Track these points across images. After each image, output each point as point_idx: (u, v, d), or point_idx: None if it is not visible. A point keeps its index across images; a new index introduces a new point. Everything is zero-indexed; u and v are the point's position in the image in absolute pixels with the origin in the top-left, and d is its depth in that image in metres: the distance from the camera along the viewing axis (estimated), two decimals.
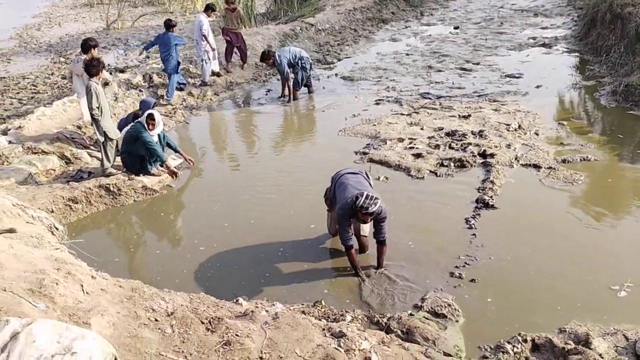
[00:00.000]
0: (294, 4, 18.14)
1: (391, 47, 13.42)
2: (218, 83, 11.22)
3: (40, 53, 15.91)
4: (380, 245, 5.00)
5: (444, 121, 8.35)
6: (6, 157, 6.92)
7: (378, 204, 4.59)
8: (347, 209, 4.71)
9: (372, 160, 7.21)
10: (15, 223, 3.95)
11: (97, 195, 6.51)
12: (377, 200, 4.59)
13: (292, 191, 6.63)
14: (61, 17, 22.69)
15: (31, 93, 11.72)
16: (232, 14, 11.18)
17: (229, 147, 8.50)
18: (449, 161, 7.02)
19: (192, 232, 5.95)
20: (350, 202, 4.67)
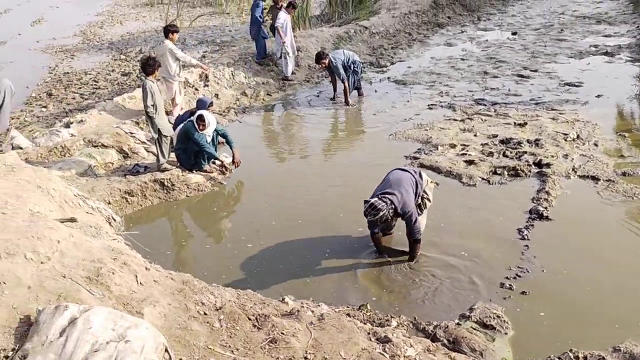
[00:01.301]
0: (348, 7, 18.16)
1: (446, 51, 13.24)
2: (271, 84, 11.37)
3: (102, 50, 16.51)
4: (411, 243, 5.13)
5: (498, 128, 8.17)
6: (68, 149, 7.21)
7: (379, 215, 4.73)
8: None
9: (423, 165, 7.13)
10: (76, 213, 4.11)
11: (152, 189, 6.71)
12: (377, 211, 4.72)
13: (340, 193, 6.64)
14: (123, 15, 23.49)
15: (92, 88, 12.17)
16: (279, 12, 11.25)
17: (279, 147, 8.58)
18: (502, 169, 6.87)
19: (240, 229, 6.05)
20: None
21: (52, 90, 12.12)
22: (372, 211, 4.75)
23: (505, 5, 18.97)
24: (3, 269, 3.05)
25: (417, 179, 5.16)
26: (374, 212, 4.74)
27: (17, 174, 4.08)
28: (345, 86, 9.81)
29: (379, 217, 4.76)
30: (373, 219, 4.80)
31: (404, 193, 4.90)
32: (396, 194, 4.86)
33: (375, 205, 4.75)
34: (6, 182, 3.90)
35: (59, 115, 10.29)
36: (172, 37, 8.80)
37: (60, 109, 10.72)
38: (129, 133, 7.89)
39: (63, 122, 8.26)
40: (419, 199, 5.18)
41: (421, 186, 5.16)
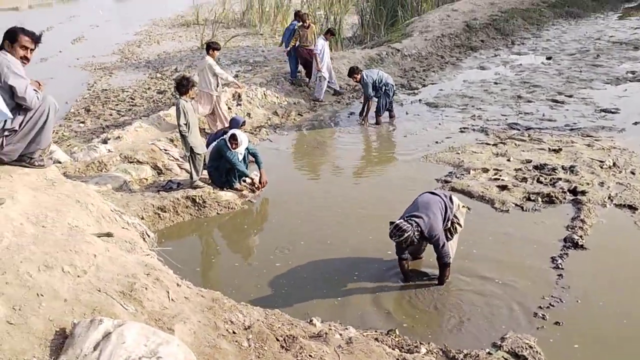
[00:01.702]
0: (380, 29, 18.32)
1: (479, 75, 13.19)
2: (302, 104, 11.48)
3: (139, 68, 16.93)
4: (441, 267, 5.08)
5: (532, 153, 8.06)
6: (105, 165, 7.38)
7: (404, 236, 4.69)
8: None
9: (454, 189, 7.07)
10: (112, 228, 4.19)
11: (184, 206, 6.80)
12: (402, 232, 4.69)
13: (370, 215, 6.61)
14: (160, 35, 24.09)
15: (129, 105, 12.46)
16: (307, 31, 11.50)
17: (309, 167, 8.62)
18: (536, 195, 6.76)
19: (269, 248, 6.06)
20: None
21: (90, 106, 12.45)
22: (397, 232, 4.72)
23: (540, 29, 18.83)
24: (41, 281, 3.12)
25: (447, 203, 5.11)
26: (398, 233, 4.72)
27: (57, 188, 4.19)
28: (368, 104, 9.98)
29: (403, 238, 4.72)
30: (398, 240, 4.77)
31: (431, 216, 4.86)
32: (423, 217, 4.83)
33: (400, 226, 4.73)
34: (47, 196, 4.01)
35: (96, 130, 10.56)
36: (212, 53, 9.25)
37: (98, 125, 11.00)
38: (163, 150, 8.05)
39: (101, 138, 8.48)
40: (449, 224, 5.13)
41: (451, 210, 5.11)
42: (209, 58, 9.21)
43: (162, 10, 33.76)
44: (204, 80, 9.18)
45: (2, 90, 3.97)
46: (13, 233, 3.41)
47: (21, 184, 4.00)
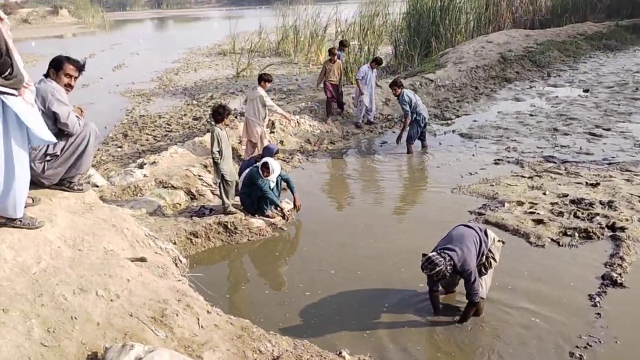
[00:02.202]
0: (414, 59, 18.40)
1: (514, 106, 13.07)
2: (335, 132, 11.55)
3: (176, 95, 17.36)
4: (468, 304, 4.94)
5: (569, 187, 7.89)
6: (140, 189, 7.52)
7: (435, 270, 4.60)
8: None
9: (488, 222, 6.95)
10: (146, 252, 4.25)
11: (216, 232, 6.85)
12: (434, 266, 4.60)
13: (401, 246, 6.54)
14: (197, 63, 24.70)
15: (165, 131, 12.74)
16: (333, 65, 11.50)
17: (341, 196, 8.61)
18: (573, 231, 6.59)
19: (298, 276, 6.04)
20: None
21: (128, 131, 12.78)
22: (429, 265, 4.64)
23: (577, 62, 18.64)
24: (75, 304, 3.17)
25: (482, 237, 5.00)
26: (430, 266, 4.63)
27: (94, 212, 4.28)
28: (406, 122, 9.92)
29: (435, 272, 4.63)
30: (429, 273, 4.68)
31: (465, 250, 4.76)
32: (457, 250, 4.74)
33: (432, 259, 4.65)
34: (84, 220, 4.10)
35: (133, 155, 10.81)
36: (264, 84, 9.39)
37: (134, 150, 11.26)
38: (197, 175, 8.16)
39: (137, 163, 8.66)
40: (483, 258, 5.02)
41: (486, 244, 5.00)
42: (261, 89, 9.33)
43: (200, 39, 34.73)
44: (252, 110, 9.29)
45: (46, 117, 4.10)
46: (50, 255, 3.49)
47: (60, 208, 4.10)
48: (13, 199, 3.48)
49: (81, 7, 73.83)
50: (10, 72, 3.28)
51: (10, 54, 3.31)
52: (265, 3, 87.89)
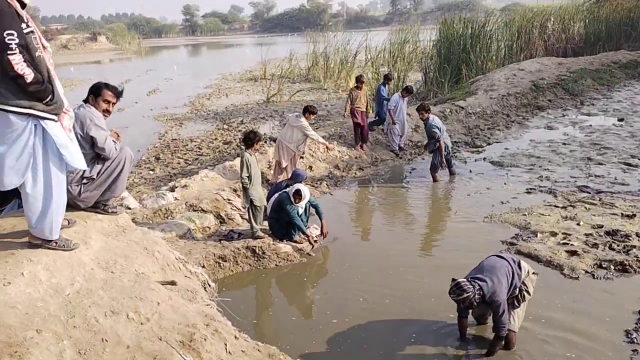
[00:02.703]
0: (444, 86, 18.40)
1: (546, 135, 12.89)
2: (363, 158, 11.56)
3: (207, 120, 17.66)
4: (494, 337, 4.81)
5: (604, 218, 7.70)
6: (171, 212, 7.63)
7: (463, 296, 4.50)
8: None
9: (521, 252, 6.81)
10: (176, 276, 4.28)
11: (244, 256, 6.87)
12: (462, 292, 4.51)
13: (432, 275, 6.45)
14: (228, 88, 25.15)
15: (196, 155, 12.95)
16: (360, 92, 11.56)
17: (369, 223, 8.57)
18: (608, 263, 6.40)
19: (326, 303, 5.99)
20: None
21: (160, 154, 13.03)
22: (457, 291, 4.56)
23: (611, 90, 18.35)
24: (106, 326, 3.20)
25: (515, 269, 4.88)
26: (458, 291, 4.55)
27: (127, 234, 4.35)
28: (441, 144, 9.77)
29: (462, 298, 4.54)
30: (456, 299, 4.59)
31: (495, 281, 4.64)
32: (487, 280, 4.63)
33: (461, 285, 4.56)
34: (117, 242, 4.16)
35: (165, 178, 10.99)
36: (308, 116, 9.47)
37: (166, 173, 11.45)
38: (226, 199, 8.24)
39: (169, 186, 8.80)
40: (516, 291, 4.89)
41: (519, 277, 4.87)
42: (304, 120, 9.44)
43: (232, 66, 35.44)
44: (289, 135, 9.44)
45: (84, 141, 4.22)
46: (84, 277, 3.54)
47: (94, 230, 4.18)
48: (50, 221, 3.56)
49: (119, 34, 76.44)
50: (51, 98, 3.40)
51: (52, 81, 3.43)
52: (296, 30, 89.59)
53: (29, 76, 3.24)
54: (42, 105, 3.35)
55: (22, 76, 3.22)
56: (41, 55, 3.38)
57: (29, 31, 3.31)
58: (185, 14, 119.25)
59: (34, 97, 3.31)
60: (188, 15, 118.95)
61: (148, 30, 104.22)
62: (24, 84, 3.25)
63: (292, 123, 9.55)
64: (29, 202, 3.49)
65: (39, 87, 3.30)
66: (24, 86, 3.26)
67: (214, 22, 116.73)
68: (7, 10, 3.19)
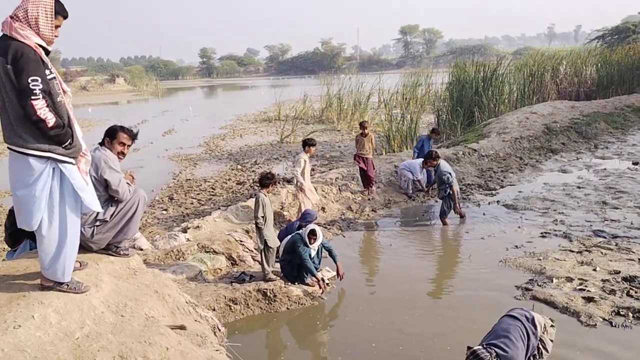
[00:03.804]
0: (457, 129, 18.48)
1: (560, 178, 12.81)
2: (376, 200, 11.54)
3: (221, 160, 17.84)
4: None
5: (620, 264, 7.55)
6: (183, 253, 7.62)
7: None
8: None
9: (536, 298, 6.67)
10: (185, 320, 4.25)
11: (255, 299, 6.81)
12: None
13: (447, 322, 6.32)
14: (243, 129, 25.47)
15: (209, 195, 13.03)
16: (364, 138, 11.37)
17: (383, 266, 8.47)
18: (626, 310, 6.25)
19: (337, 347, 5.89)
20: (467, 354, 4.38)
21: (174, 194, 13.12)
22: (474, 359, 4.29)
23: (625, 134, 18.30)
24: None
25: (529, 329, 4.62)
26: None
27: (138, 277, 4.35)
28: (453, 191, 9.79)
29: None
30: None
31: (511, 347, 4.40)
32: (503, 346, 4.37)
33: (477, 354, 4.28)
34: (128, 285, 4.16)
35: (177, 218, 11.03)
36: (308, 149, 9.80)
37: (179, 213, 11.50)
38: (239, 241, 8.23)
39: (181, 227, 8.82)
40: (535, 351, 4.71)
41: (535, 336, 4.68)
42: (303, 154, 9.77)
43: (247, 107, 35.97)
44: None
45: (98, 183, 4.28)
46: (94, 321, 3.53)
47: (106, 272, 4.18)
48: (62, 264, 3.58)
49: (136, 76, 78.30)
50: (71, 142, 3.48)
51: (71, 125, 3.51)
52: (310, 73, 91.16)
53: (50, 121, 3.33)
54: (61, 149, 3.43)
55: (44, 121, 3.31)
56: (62, 101, 3.48)
57: (51, 77, 3.41)
58: (202, 56, 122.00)
59: (54, 141, 3.39)
60: (205, 58, 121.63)
61: (165, 73, 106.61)
62: (45, 128, 3.33)
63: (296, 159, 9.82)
64: (44, 243, 3.52)
65: (59, 132, 3.39)
66: (45, 130, 3.34)
67: (230, 65, 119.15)
68: (33, 57, 3.30)
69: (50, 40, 3.42)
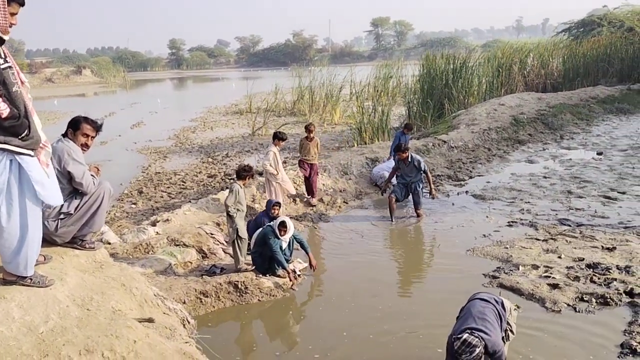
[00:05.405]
0: (427, 121, 18.65)
1: (527, 168, 13.07)
2: (348, 192, 11.58)
3: (192, 153, 17.65)
4: None
5: (584, 251, 7.76)
6: (152, 247, 7.53)
7: (476, 352, 4.14)
8: (449, 343, 4.40)
9: (503, 285, 6.81)
10: (154, 313, 4.21)
11: (226, 291, 6.78)
12: (474, 348, 4.14)
13: (417, 311, 6.40)
14: (214, 122, 25.23)
15: (180, 188, 12.88)
16: (310, 143, 10.73)
17: (354, 257, 8.51)
18: (589, 296, 6.42)
19: (309, 337, 5.93)
20: (451, 341, 4.35)
21: (143, 188, 12.94)
22: (468, 349, 4.17)
23: (590, 125, 18.74)
24: None
25: (500, 311, 4.69)
26: (469, 350, 4.16)
27: (104, 271, 4.28)
28: (429, 176, 10.00)
29: (475, 355, 4.16)
30: (469, 357, 4.17)
31: (491, 329, 4.40)
32: (486, 330, 4.35)
33: (469, 341, 4.18)
34: (94, 279, 4.09)
35: (147, 212, 10.89)
36: (277, 142, 9.83)
37: (149, 206, 11.35)
38: (209, 234, 8.18)
39: (150, 221, 8.71)
40: (503, 333, 4.79)
41: (504, 318, 4.79)
42: (273, 146, 9.79)
43: (218, 99, 35.62)
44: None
45: (61, 175, 4.19)
46: (59, 315, 3.47)
47: (71, 266, 4.11)
48: (25, 257, 3.50)
49: (104, 67, 76.74)
50: (27, 134, 3.38)
51: (28, 116, 3.42)
52: (282, 65, 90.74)
53: (4, 111, 3.23)
54: (17, 140, 3.33)
55: None
56: (18, 91, 3.37)
57: (6, 66, 3.31)
58: (171, 47, 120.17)
59: (9, 132, 3.30)
60: (174, 49, 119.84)
61: (133, 64, 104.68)
62: None
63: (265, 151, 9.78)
64: (4, 237, 3.43)
65: (14, 122, 3.29)
66: None
67: (200, 56, 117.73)
68: None
69: (4, 28, 3.30)
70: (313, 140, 10.78)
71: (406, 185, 9.98)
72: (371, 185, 12.00)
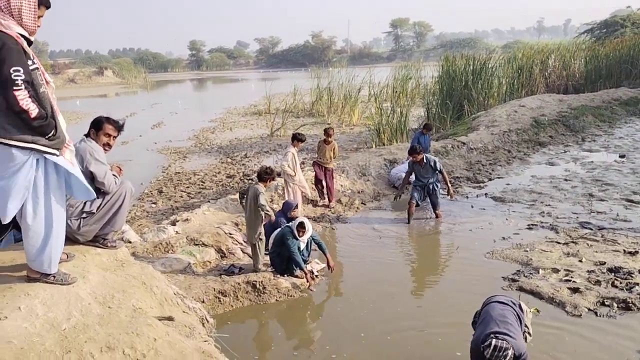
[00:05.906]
0: (446, 122, 18.55)
1: (547, 170, 12.92)
2: (366, 193, 11.57)
3: (211, 153, 17.78)
4: None
5: (606, 255, 7.65)
6: (172, 246, 7.61)
7: (508, 357, 4.08)
8: (476, 350, 4.32)
9: (522, 289, 6.75)
10: (173, 311, 4.26)
11: (244, 291, 6.83)
12: (506, 351, 4.08)
13: (435, 313, 6.38)
14: (233, 122, 25.38)
15: (199, 188, 12.99)
16: (327, 146, 10.61)
17: (372, 258, 8.49)
18: (611, 301, 6.33)
19: (326, 337, 5.94)
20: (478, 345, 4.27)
21: (163, 187, 13.08)
22: (501, 354, 4.10)
23: (612, 127, 18.45)
24: None
25: (519, 313, 4.67)
26: (502, 354, 4.10)
27: (126, 269, 4.34)
28: (445, 176, 10.02)
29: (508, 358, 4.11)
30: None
31: (515, 332, 4.36)
32: (510, 334, 4.30)
33: (500, 346, 4.11)
34: (115, 277, 4.16)
35: (167, 211, 11.00)
36: (296, 144, 9.93)
37: (168, 206, 11.47)
38: (228, 233, 8.23)
39: (170, 220, 8.80)
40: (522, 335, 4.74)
41: (523, 320, 4.75)
42: (291, 147, 9.90)
43: (237, 100, 35.82)
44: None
45: (84, 175, 4.25)
46: (81, 312, 3.53)
47: (93, 264, 4.17)
48: (49, 255, 3.57)
49: (125, 68, 77.68)
50: (54, 133, 3.45)
51: (55, 116, 3.49)
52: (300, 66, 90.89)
53: (33, 111, 3.31)
54: (44, 140, 3.41)
55: (26, 111, 3.29)
56: (45, 91, 3.45)
57: (34, 68, 3.39)
58: (192, 49, 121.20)
59: (37, 132, 3.37)
60: (194, 51, 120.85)
61: (154, 65, 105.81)
62: (28, 119, 3.31)
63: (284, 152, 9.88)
64: (29, 235, 3.51)
65: (42, 122, 3.37)
66: (28, 121, 3.32)
67: (219, 57, 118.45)
68: (15, 47, 3.27)
69: (32, 30, 3.39)
70: (330, 144, 10.68)
71: (423, 187, 9.94)
72: (389, 186, 11.97)
